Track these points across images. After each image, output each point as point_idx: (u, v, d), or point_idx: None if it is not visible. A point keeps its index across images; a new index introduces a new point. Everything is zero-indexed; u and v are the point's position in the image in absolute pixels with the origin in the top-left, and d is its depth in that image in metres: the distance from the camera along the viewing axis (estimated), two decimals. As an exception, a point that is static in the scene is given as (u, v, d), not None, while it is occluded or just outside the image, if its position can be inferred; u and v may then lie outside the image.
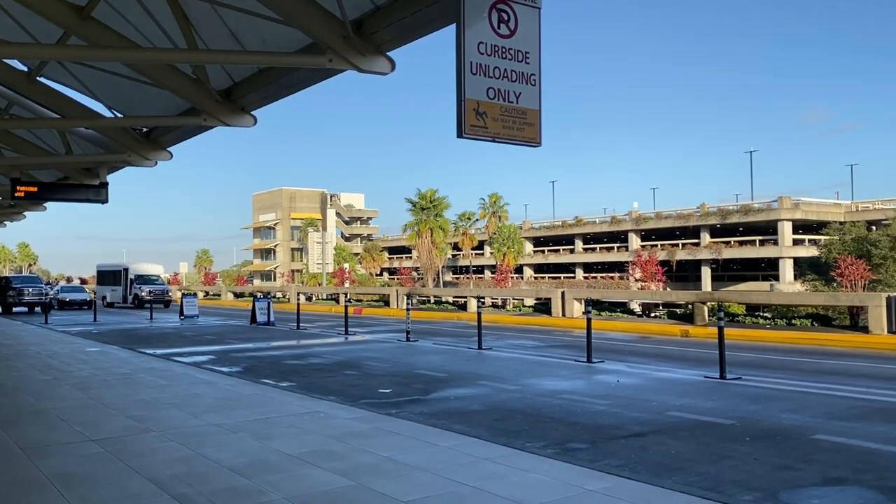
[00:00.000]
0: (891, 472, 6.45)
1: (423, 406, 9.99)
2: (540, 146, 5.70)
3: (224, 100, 11.79)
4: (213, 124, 12.25)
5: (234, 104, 11.86)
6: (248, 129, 12.41)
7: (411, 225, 58.97)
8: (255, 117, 12.17)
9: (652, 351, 17.36)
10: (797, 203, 57.40)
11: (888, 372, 13.26)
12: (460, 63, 5.24)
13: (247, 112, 12.07)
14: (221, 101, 11.72)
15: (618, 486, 5.63)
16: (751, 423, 8.60)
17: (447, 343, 19.63)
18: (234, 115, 11.87)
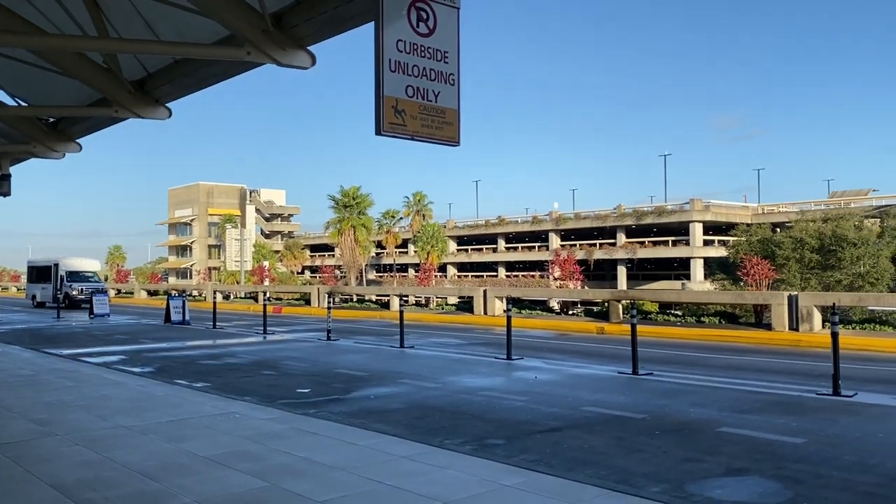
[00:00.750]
0: (788, 462, 6.81)
1: (342, 405, 9.91)
2: (459, 145, 5.75)
3: (137, 91, 11.36)
4: (126, 116, 11.78)
5: (147, 95, 11.45)
6: (164, 121, 12.01)
7: (334, 222, 58.33)
8: (170, 109, 11.79)
9: (569, 348, 17.76)
10: (708, 205, 59.77)
11: (788, 367, 13.98)
12: (379, 60, 5.23)
13: (161, 104, 11.68)
14: (134, 91, 11.29)
15: (532, 480, 5.74)
16: (661, 417, 8.91)
17: (369, 342, 19.54)
18: (148, 106, 11.45)
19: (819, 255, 33.70)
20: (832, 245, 33.28)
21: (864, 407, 9.64)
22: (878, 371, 13.13)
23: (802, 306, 19.21)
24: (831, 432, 8.09)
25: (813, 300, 19.63)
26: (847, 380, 10.82)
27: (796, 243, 34.40)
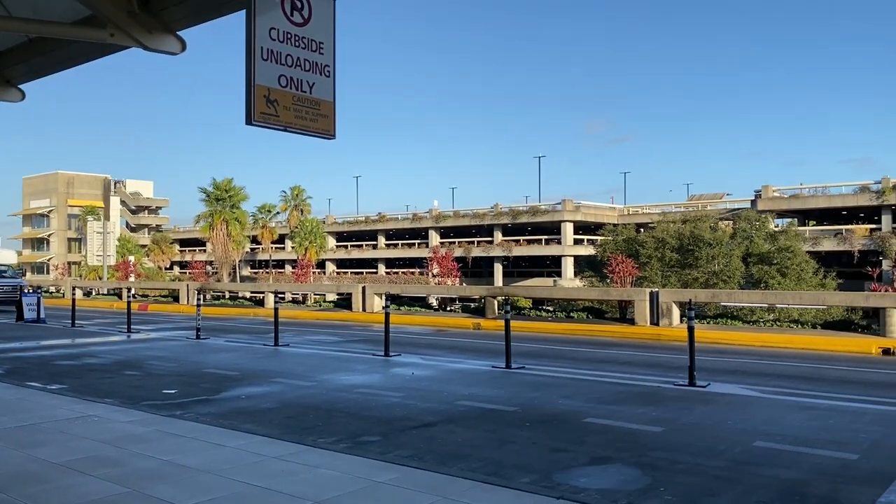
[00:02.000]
0: (647, 450, 7.20)
1: (211, 406, 9.56)
2: (334, 138, 5.66)
3: (-16, 70, 10.44)
4: (-30, 96, 10.79)
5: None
6: (16, 104, 11.11)
7: (205, 216, 56.05)
8: (24, 92, 10.92)
9: (446, 343, 17.97)
10: (578, 206, 62.24)
11: (649, 359, 14.79)
12: (250, 48, 5.05)
13: (13, 85, 10.79)
14: (-19, 71, 10.37)
15: (405, 475, 5.76)
16: (531, 410, 9.19)
17: (242, 340, 18.96)
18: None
19: (678, 255, 35.90)
20: (690, 245, 35.54)
21: (716, 396, 10.34)
22: (730, 362, 14.13)
23: (663, 302, 20.38)
24: (687, 421, 8.62)
25: (672, 296, 20.87)
26: (702, 371, 11.58)
27: (658, 243, 36.47)
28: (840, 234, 46.73)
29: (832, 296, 23.26)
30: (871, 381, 12.00)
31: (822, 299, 21.09)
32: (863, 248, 44.80)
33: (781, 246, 36.68)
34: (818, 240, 46.55)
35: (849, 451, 7.03)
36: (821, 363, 14.04)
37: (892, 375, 12.59)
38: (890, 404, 9.64)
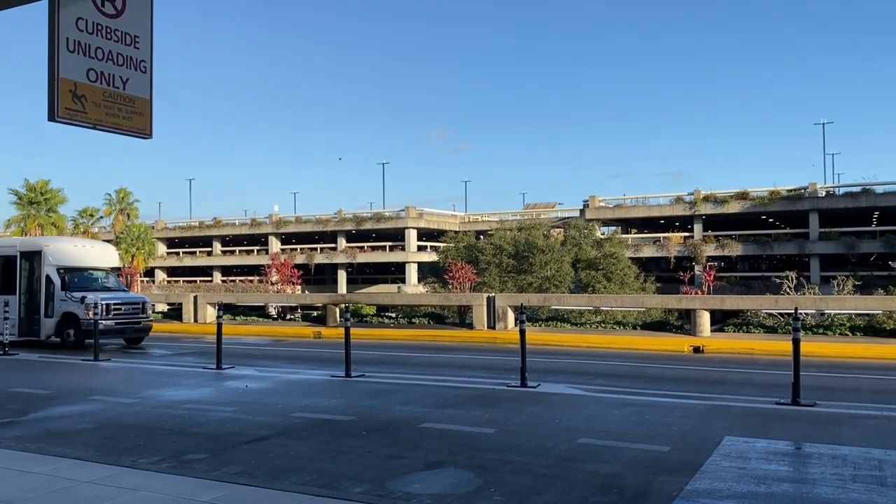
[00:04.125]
0: (480, 452, 7.36)
1: (17, 429, 8.67)
2: (151, 138, 5.31)
3: None
4: None
5: None
6: None
7: (16, 220, 51.00)
8: None
9: (285, 354, 17.51)
10: (421, 213, 63.10)
11: (485, 362, 15.21)
12: (54, 38, 4.60)
13: None
14: None
15: (233, 493, 5.51)
16: (369, 418, 9.13)
17: (56, 356, 17.41)
18: None
19: (515, 261, 37.32)
20: (525, 251, 37.08)
21: (545, 396, 10.81)
22: (559, 363, 14.83)
23: (499, 306, 21.08)
24: (517, 421, 8.93)
25: (507, 301, 21.63)
26: (533, 372, 12.06)
27: (496, 249, 37.73)
28: (659, 242, 50.65)
29: (650, 298, 25.13)
30: (684, 377, 13.05)
31: (642, 302, 22.71)
32: (678, 255, 48.82)
33: (607, 252, 39.17)
34: (639, 247, 50.20)
35: (661, 444, 7.58)
36: (640, 362, 15.08)
37: (701, 371, 13.76)
38: (698, 398, 10.51)
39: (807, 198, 45.74)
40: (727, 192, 48.47)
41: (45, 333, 18.80)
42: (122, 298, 19.46)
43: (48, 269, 18.99)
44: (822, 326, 18.66)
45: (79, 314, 18.31)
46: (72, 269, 19.47)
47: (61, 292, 18.61)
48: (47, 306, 18.81)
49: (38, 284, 19.09)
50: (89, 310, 17.79)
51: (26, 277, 19.47)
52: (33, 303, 19.12)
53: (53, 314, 18.66)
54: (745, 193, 47.57)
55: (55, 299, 18.65)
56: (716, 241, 48.28)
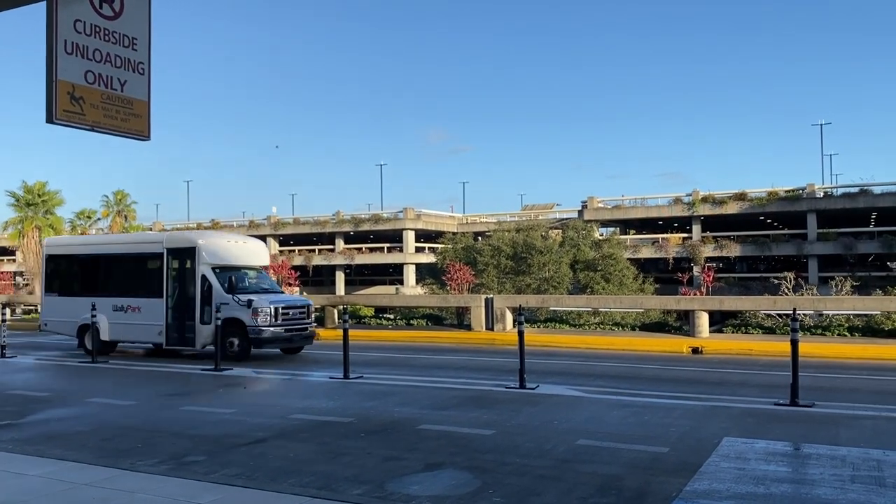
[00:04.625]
0: (478, 453, 7.36)
1: (14, 431, 8.66)
2: (149, 140, 5.31)
3: None
4: None
5: None
6: None
7: (14, 222, 50.83)
8: None
9: (282, 355, 17.47)
10: (419, 214, 63.06)
11: (484, 363, 15.20)
12: (52, 40, 4.59)
13: None
14: None
15: (231, 495, 5.50)
16: (367, 419, 9.12)
17: (55, 358, 17.39)
18: None
19: (513, 262, 37.31)
20: (523, 253, 37.06)
21: (544, 397, 10.80)
22: (558, 364, 14.82)
23: (497, 308, 21.07)
24: (516, 422, 8.92)
25: (505, 302, 21.63)
26: (532, 373, 12.06)
27: (494, 251, 37.72)
28: (657, 243, 50.64)
29: (649, 299, 25.13)
30: (682, 378, 13.05)
31: (640, 303, 22.71)
32: (676, 255, 48.82)
33: (605, 253, 39.18)
34: (638, 248, 50.20)
35: (660, 445, 7.58)
36: (638, 363, 15.09)
37: (699, 372, 13.77)
38: (697, 399, 10.52)
39: (805, 199, 45.76)
40: (725, 192, 48.49)
41: (202, 342, 16.17)
42: (289, 301, 17.08)
43: (204, 268, 16.38)
44: (821, 327, 18.67)
45: (245, 320, 15.80)
46: (227, 267, 16.96)
47: (225, 295, 15.98)
48: (203, 311, 16.16)
49: (192, 286, 16.49)
50: (257, 315, 15.75)
51: (175, 278, 16.96)
52: (185, 307, 16.44)
53: (211, 320, 15.66)
54: (744, 194, 47.59)
55: (214, 303, 15.85)
56: (714, 241, 48.29)
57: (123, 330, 17.25)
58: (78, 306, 17.41)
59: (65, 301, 18.30)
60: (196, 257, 16.45)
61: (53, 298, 18.77)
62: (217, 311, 15.19)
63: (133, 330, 17.16)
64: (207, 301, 16.11)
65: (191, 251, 16.63)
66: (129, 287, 17.59)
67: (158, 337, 16.72)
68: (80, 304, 17.35)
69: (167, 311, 16.66)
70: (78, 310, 17.36)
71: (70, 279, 18.89)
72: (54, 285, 18.94)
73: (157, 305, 16.71)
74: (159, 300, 16.73)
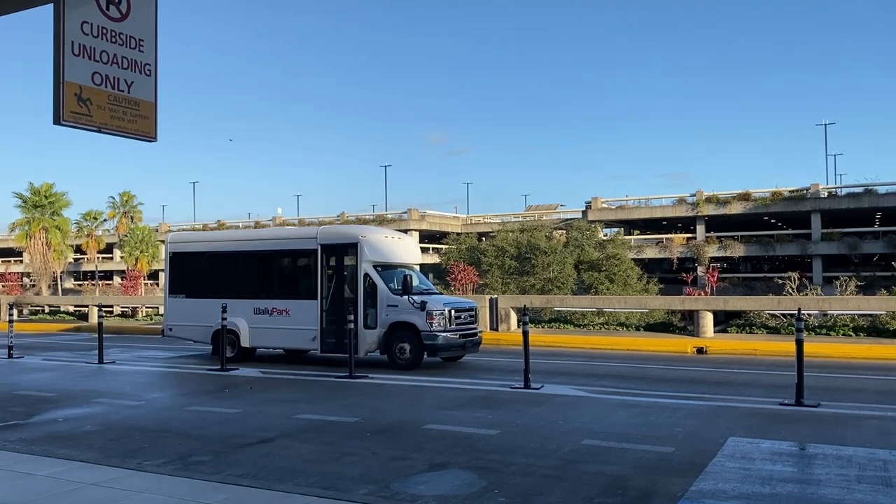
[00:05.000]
0: (483, 453, 7.37)
1: (22, 432, 8.70)
2: (155, 141, 5.33)
3: None
4: None
5: None
6: None
7: (21, 224, 51.06)
8: None
9: (285, 356, 17.49)
10: (423, 215, 63.12)
11: (488, 363, 15.20)
12: (60, 42, 4.63)
13: None
14: None
15: (238, 495, 5.52)
16: (372, 419, 9.14)
17: (61, 358, 17.44)
18: None
19: (517, 262, 37.31)
20: (528, 253, 37.06)
21: (549, 397, 10.81)
22: (562, 364, 14.82)
23: (501, 308, 21.07)
24: (521, 422, 8.93)
25: (510, 302, 21.63)
26: (536, 373, 12.06)
27: (498, 251, 37.72)
28: (661, 243, 50.58)
29: (653, 300, 25.10)
30: (687, 378, 13.03)
31: (645, 303, 22.70)
32: (681, 256, 48.76)
33: (609, 254, 39.14)
34: (642, 248, 50.15)
35: (666, 445, 7.58)
36: (643, 363, 15.07)
37: (704, 372, 13.75)
38: (702, 399, 10.51)
39: (809, 199, 45.67)
40: (729, 193, 48.41)
41: (366, 349, 14.63)
42: (459, 303, 15.43)
43: (366, 266, 14.75)
44: (825, 327, 18.63)
45: (418, 324, 14.14)
46: (388, 266, 15.42)
47: (392, 296, 14.51)
48: (367, 314, 14.60)
49: (353, 286, 14.90)
50: (432, 319, 14.08)
51: (331, 277, 15.25)
52: (343, 310, 14.40)
53: (377, 324, 14.50)
54: (748, 194, 47.51)
55: (380, 305, 14.53)
56: (718, 242, 48.21)
57: (267, 335, 15.64)
58: (211, 309, 15.43)
59: (194, 304, 16.39)
60: (358, 254, 14.82)
61: (179, 301, 16.96)
62: (385, 313, 14.27)
63: (278, 335, 15.52)
64: (371, 303, 14.59)
65: (351, 247, 15.04)
66: (275, 287, 15.88)
67: (311, 343, 15.03)
68: (213, 306, 15.27)
69: (321, 313, 14.96)
70: (211, 313, 15.43)
71: (200, 279, 16.91)
72: (180, 286, 17.12)
73: (310, 307, 15.07)
74: (312, 302, 15.07)
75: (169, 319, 17.27)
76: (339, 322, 14.52)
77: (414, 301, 14.22)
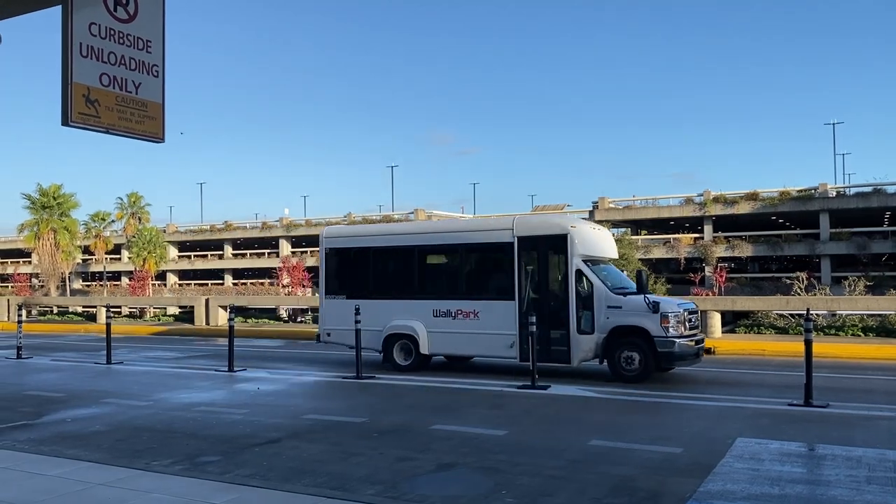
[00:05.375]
0: (491, 454, 7.35)
1: (31, 432, 8.75)
2: (163, 142, 5.35)
3: None
4: None
5: None
6: None
7: (29, 225, 51.32)
8: None
9: (296, 356, 17.55)
10: (430, 215, 63.08)
11: (497, 364, 15.11)
12: (67, 44, 4.65)
13: None
14: None
15: (245, 495, 5.53)
16: (379, 419, 9.14)
17: (69, 358, 17.53)
18: None
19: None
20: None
21: (556, 397, 10.80)
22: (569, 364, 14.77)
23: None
24: (528, 423, 8.92)
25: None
26: (543, 374, 12.05)
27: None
28: (669, 243, 50.44)
29: (661, 300, 25.05)
30: (694, 378, 12.98)
31: (653, 303, 22.68)
32: (688, 256, 48.60)
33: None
34: (650, 248, 50.00)
35: (674, 446, 7.55)
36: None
37: (712, 373, 13.69)
38: (710, 400, 10.48)
39: (817, 198, 45.46)
40: (737, 192, 48.24)
41: (581, 357, 12.65)
42: (686, 304, 13.28)
43: (577, 261, 12.83)
44: (834, 327, 18.54)
45: (651, 329, 12.15)
46: (596, 261, 13.58)
47: (613, 296, 12.62)
48: (580, 317, 12.68)
49: (561, 285, 13.03)
50: (667, 322, 12.12)
51: (531, 274, 13.35)
52: (549, 312, 12.88)
53: (594, 329, 12.57)
54: (756, 194, 47.33)
55: (597, 307, 12.62)
56: (726, 242, 48.04)
57: (450, 341, 13.72)
58: (379, 312, 14.11)
59: (358, 306, 13.76)
60: (568, 248, 12.86)
61: (339, 303, 14.77)
62: (604, 316, 12.46)
63: (465, 340, 13.57)
64: (585, 304, 12.68)
65: (558, 240, 13.06)
66: (460, 286, 13.97)
67: (508, 350, 13.10)
68: (381, 308, 14.15)
69: (520, 316, 12.97)
70: (379, 316, 14.08)
71: (365, 278, 14.95)
72: (339, 286, 15.07)
73: (506, 309, 13.18)
74: (508, 303, 13.19)
75: (326, 324, 15.07)
76: (546, 326, 12.69)
77: (649, 301, 12.25)
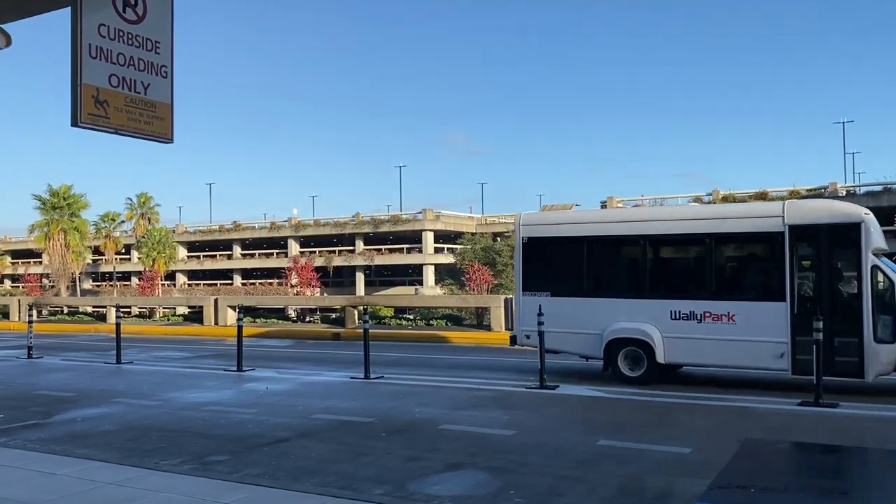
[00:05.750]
0: (499, 453, 7.35)
1: (41, 431, 8.80)
2: (172, 142, 5.38)
3: None
4: None
5: None
6: None
7: (40, 225, 51.71)
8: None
9: (304, 356, 17.58)
10: (438, 215, 63.17)
11: (503, 363, 15.17)
12: (77, 45, 4.68)
13: None
14: None
15: (254, 495, 5.55)
16: (388, 420, 9.15)
17: (80, 358, 17.62)
18: None
19: (533, 262, 37.34)
20: (544, 253, 37.06)
21: (565, 397, 10.78)
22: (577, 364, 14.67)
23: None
24: (536, 422, 8.91)
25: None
26: (552, 373, 12.04)
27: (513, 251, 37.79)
28: (677, 242, 50.24)
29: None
30: (703, 378, 12.91)
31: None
32: (697, 255, 48.47)
33: (626, 253, 39.03)
34: (658, 247, 49.86)
35: (683, 445, 7.53)
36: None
37: (720, 372, 13.61)
38: (719, 399, 10.44)
39: (828, 197, 45.24)
40: (746, 191, 48.08)
41: (878, 370, 10.48)
42: None
43: (872, 256, 10.73)
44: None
45: None
46: (883, 254, 11.49)
47: None
48: (877, 323, 10.56)
49: (850, 283, 11.11)
50: None
51: (808, 270, 11.37)
52: (833, 316, 10.76)
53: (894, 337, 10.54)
54: (765, 193, 47.13)
55: None
56: (736, 241, 47.91)
57: (694, 348, 11.57)
58: (596, 312, 12.29)
59: (568, 305, 12.48)
60: (862, 240, 10.72)
61: (543, 300, 12.55)
62: None
63: (715, 348, 11.37)
64: (884, 307, 10.64)
65: (847, 230, 10.94)
66: (708, 284, 11.81)
67: (776, 361, 10.97)
68: (599, 308, 12.32)
69: (793, 320, 10.91)
70: (596, 317, 12.24)
71: (575, 272, 12.91)
72: (542, 281, 13.07)
73: (773, 312, 11.07)
74: (776, 304, 11.08)
75: (525, 324, 13.02)
76: (829, 334, 10.58)
77: None
